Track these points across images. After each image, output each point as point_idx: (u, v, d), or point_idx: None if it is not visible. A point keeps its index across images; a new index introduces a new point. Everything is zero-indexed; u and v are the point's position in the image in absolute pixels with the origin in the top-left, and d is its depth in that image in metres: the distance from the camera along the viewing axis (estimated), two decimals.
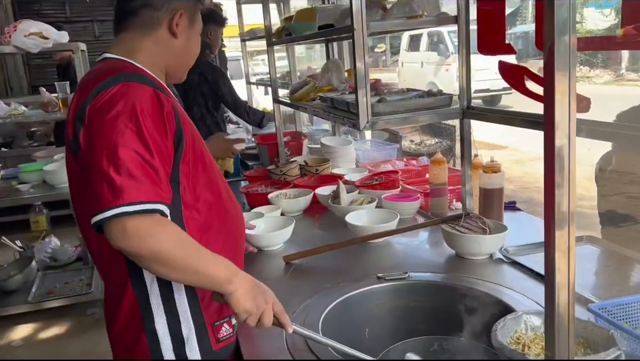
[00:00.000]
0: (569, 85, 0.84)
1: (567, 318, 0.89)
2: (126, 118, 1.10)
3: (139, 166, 1.08)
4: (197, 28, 1.39)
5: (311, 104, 2.40)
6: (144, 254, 1.07)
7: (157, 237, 1.07)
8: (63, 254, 4.01)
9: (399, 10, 1.83)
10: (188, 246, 1.13)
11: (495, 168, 1.93)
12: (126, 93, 1.13)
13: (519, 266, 1.67)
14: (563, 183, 0.85)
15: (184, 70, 1.42)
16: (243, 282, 1.19)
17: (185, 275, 1.15)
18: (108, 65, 1.26)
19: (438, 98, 1.86)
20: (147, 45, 1.30)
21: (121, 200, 1.04)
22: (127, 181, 1.06)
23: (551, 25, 0.82)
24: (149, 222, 1.07)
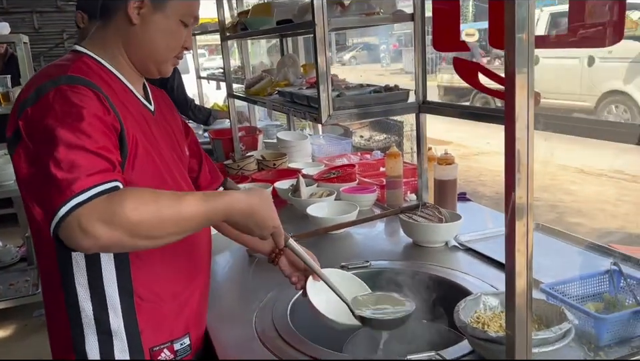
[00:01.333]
0: (527, 80, 0.90)
1: (525, 299, 0.95)
2: (60, 119, 1.01)
3: (80, 156, 0.98)
4: (171, 14, 1.20)
5: (269, 99, 2.42)
6: (119, 237, 0.95)
7: (121, 213, 0.94)
8: (6, 254, 3.85)
9: (357, 7, 1.88)
10: (162, 202, 1.00)
11: (449, 160, 2.02)
12: (63, 97, 1.04)
13: (472, 253, 1.76)
14: (522, 173, 0.91)
15: (153, 64, 1.25)
16: (245, 198, 1.10)
17: (179, 231, 1.03)
18: (61, 61, 1.18)
19: (395, 93, 1.93)
20: (109, 35, 1.21)
21: (69, 192, 0.94)
22: (70, 174, 0.96)
23: (511, 24, 0.87)
24: (105, 203, 0.94)
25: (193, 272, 1.30)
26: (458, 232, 1.85)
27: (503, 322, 1.21)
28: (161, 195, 1.02)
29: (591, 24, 1.21)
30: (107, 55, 1.21)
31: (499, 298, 1.30)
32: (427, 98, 1.93)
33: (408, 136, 6.20)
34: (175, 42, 1.24)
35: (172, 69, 1.31)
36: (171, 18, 1.21)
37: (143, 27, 1.19)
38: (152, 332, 1.20)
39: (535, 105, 1.22)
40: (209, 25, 4.24)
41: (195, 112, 3.93)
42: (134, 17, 1.17)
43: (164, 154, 1.25)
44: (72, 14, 6.11)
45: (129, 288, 1.16)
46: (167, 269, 1.22)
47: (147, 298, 1.18)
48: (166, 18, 1.20)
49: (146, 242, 1.01)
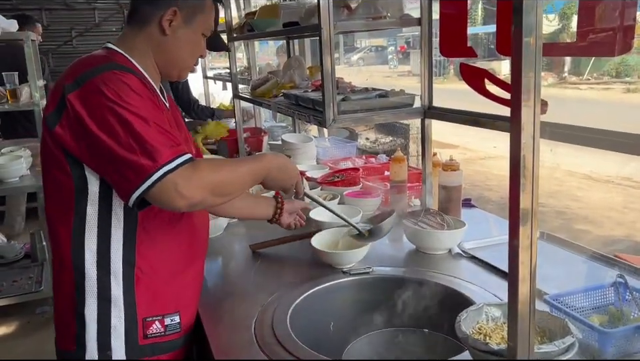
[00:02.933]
0: (534, 88, 0.88)
1: (528, 310, 0.94)
2: (129, 97, 1.15)
3: (155, 131, 1.14)
4: (196, 28, 1.37)
5: (275, 101, 2.41)
6: (207, 197, 1.17)
7: (204, 177, 1.16)
8: (10, 251, 3.86)
9: (364, 11, 1.86)
10: (229, 166, 1.28)
11: (454, 167, 2.00)
12: (116, 80, 1.17)
13: (476, 261, 1.74)
14: (527, 181, 0.90)
15: (176, 70, 1.42)
16: (276, 173, 1.39)
17: (243, 186, 1.34)
18: (101, 53, 1.31)
19: (401, 97, 1.91)
20: (140, 42, 1.34)
21: (159, 160, 1.11)
22: (153, 146, 1.12)
23: (519, 30, 0.85)
24: (192, 169, 1.14)
25: (190, 257, 1.41)
26: (462, 240, 1.83)
27: (505, 334, 1.19)
28: (227, 161, 1.38)
29: (600, 32, 1.19)
30: (135, 56, 1.33)
31: (501, 309, 1.28)
32: (432, 103, 1.91)
33: (414, 138, 6.19)
34: (197, 52, 1.42)
35: (188, 74, 1.50)
36: (196, 31, 1.38)
37: (172, 38, 1.35)
38: (146, 303, 1.29)
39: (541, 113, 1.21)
40: None
41: (198, 113, 3.97)
42: (166, 28, 1.33)
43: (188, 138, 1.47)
44: (80, 11, 6.15)
45: (131, 260, 1.27)
46: (168, 249, 1.34)
47: (147, 271, 1.29)
48: (192, 31, 1.37)
49: (225, 199, 1.27)
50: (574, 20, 1.26)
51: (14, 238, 4.30)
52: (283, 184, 1.43)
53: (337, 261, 1.71)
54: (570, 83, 14.79)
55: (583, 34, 1.23)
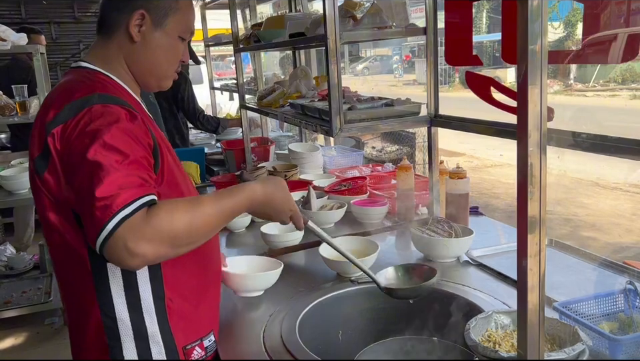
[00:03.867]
0: (540, 96, 0.89)
1: (537, 317, 0.94)
2: (104, 137, 1.04)
3: (117, 175, 1.01)
4: (171, 31, 1.25)
5: (281, 111, 2.43)
6: (164, 251, 1.01)
7: (162, 229, 1.00)
8: (19, 262, 3.88)
9: (370, 21, 1.88)
10: (192, 209, 1.06)
11: (461, 175, 2.01)
12: (99, 117, 1.07)
13: (485, 268, 1.74)
14: (535, 189, 0.90)
15: (153, 79, 1.30)
16: (261, 189, 1.20)
17: (211, 231, 1.12)
18: (80, 78, 1.19)
19: (407, 106, 1.92)
20: (112, 51, 1.24)
21: (110, 211, 0.97)
22: (109, 192, 0.99)
23: (524, 38, 0.86)
24: (145, 220, 0.99)
25: (211, 274, 1.35)
26: (470, 247, 1.83)
27: (514, 342, 1.19)
28: (191, 202, 1.08)
29: (605, 39, 1.20)
30: (112, 69, 1.24)
31: (511, 317, 1.28)
32: (439, 111, 1.92)
33: (420, 147, 6.18)
34: (175, 57, 1.29)
35: (171, 83, 1.35)
36: (170, 34, 1.25)
37: (144, 44, 1.23)
38: (182, 332, 1.23)
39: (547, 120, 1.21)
40: (222, 36, 4.28)
41: (204, 123, 4.00)
42: (135, 35, 1.22)
43: (177, 163, 1.29)
44: (89, 24, 6.22)
45: (161, 293, 1.20)
46: (192, 272, 1.27)
47: (176, 300, 1.22)
48: (166, 35, 1.25)
49: (187, 248, 1.08)
50: (579, 28, 1.27)
51: (23, 250, 4.32)
52: (271, 218, 1.28)
53: (346, 270, 1.71)
54: (576, 90, 14.75)
55: (588, 42, 1.23)
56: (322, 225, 2.21)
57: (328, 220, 2.24)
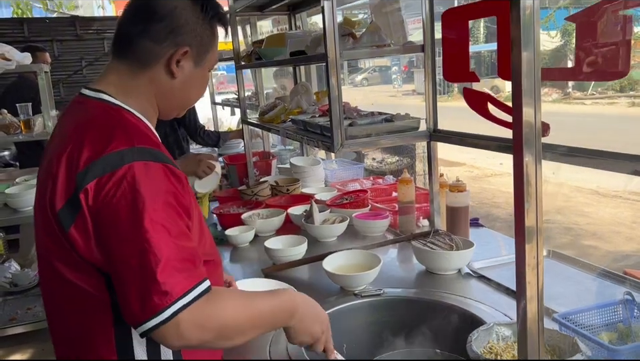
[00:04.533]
0: (534, 113, 0.92)
1: (537, 328, 0.97)
2: (152, 209, 0.96)
3: (179, 258, 0.97)
4: (205, 69, 1.21)
5: (283, 126, 2.47)
6: (209, 339, 0.99)
7: (220, 319, 0.99)
8: (23, 278, 3.89)
9: (369, 39, 1.92)
10: (244, 305, 1.05)
11: (461, 188, 2.04)
12: (142, 179, 0.98)
13: (486, 280, 1.77)
14: (531, 202, 0.93)
15: (178, 111, 1.26)
16: (303, 314, 1.16)
17: (252, 334, 1.07)
18: (108, 119, 1.08)
19: (406, 121, 1.96)
20: (141, 83, 1.14)
21: (170, 298, 0.94)
22: (170, 278, 0.94)
23: (518, 57, 0.90)
24: (205, 307, 0.97)
25: None
26: (471, 260, 1.86)
27: (515, 353, 1.22)
28: (248, 296, 1.08)
29: (597, 58, 1.24)
30: (135, 103, 1.14)
31: (512, 328, 1.30)
32: (437, 126, 1.96)
33: (420, 158, 6.22)
34: (204, 89, 1.27)
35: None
36: (205, 69, 1.21)
37: (182, 80, 1.16)
38: None
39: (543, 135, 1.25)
40: (222, 52, 4.32)
41: (204, 138, 4.06)
42: (176, 71, 1.14)
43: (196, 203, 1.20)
44: (90, 42, 6.30)
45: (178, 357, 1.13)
46: None
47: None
48: (202, 70, 1.20)
49: (229, 343, 1.04)
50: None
51: (27, 266, 4.35)
52: (311, 331, 1.19)
53: (349, 283, 1.74)
54: (574, 98, 14.82)
55: (580, 60, 1.27)
56: (324, 238, 2.26)
57: (330, 234, 2.27)
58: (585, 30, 1.27)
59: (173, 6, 1.12)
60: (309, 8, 3.07)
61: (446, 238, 1.92)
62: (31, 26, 6.05)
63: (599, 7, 1.20)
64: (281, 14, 3.37)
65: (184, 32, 1.12)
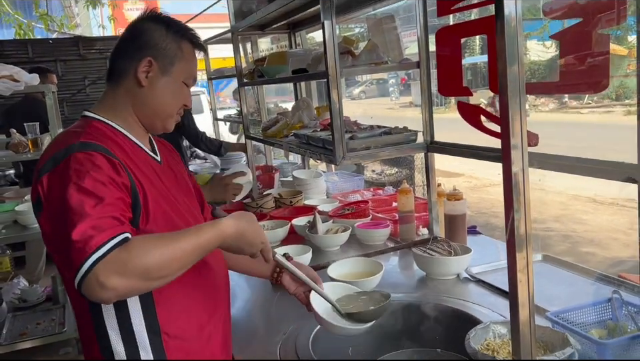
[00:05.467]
0: (520, 124, 1.01)
1: (529, 326, 1.04)
2: (74, 183, 1.11)
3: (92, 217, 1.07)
4: (176, 77, 1.34)
5: (286, 141, 2.56)
6: (134, 283, 1.06)
7: (131, 263, 1.05)
8: (32, 294, 3.96)
9: (367, 57, 2.03)
10: (164, 245, 1.11)
11: (458, 196, 2.13)
12: (78, 163, 1.14)
13: (483, 284, 1.85)
14: (520, 209, 1.02)
15: (159, 121, 1.37)
16: (233, 223, 1.22)
17: (184, 266, 1.14)
18: (75, 128, 1.29)
19: (405, 134, 2.05)
20: (120, 98, 1.32)
21: (85, 252, 1.03)
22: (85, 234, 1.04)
23: (504, 72, 0.99)
24: (117, 255, 1.04)
25: (214, 304, 1.37)
26: (469, 265, 1.94)
27: (511, 349, 1.30)
28: (161, 238, 1.13)
29: (580, 72, 1.34)
30: (117, 117, 1.32)
31: (507, 327, 1.39)
32: (434, 138, 2.05)
33: (419, 169, 6.30)
34: (179, 101, 1.37)
35: (174, 124, 1.42)
36: (175, 80, 1.34)
37: (150, 89, 1.31)
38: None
39: (532, 145, 1.35)
40: (225, 70, 4.45)
41: (207, 144, 4.12)
42: (143, 80, 1.30)
43: (174, 200, 1.34)
44: (93, 61, 6.42)
45: (156, 327, 1.24)
46: (189, 303, 1.30)
47: (174, 334, 1.26)
48: (171, 81, 1.33)
49: (158, 282, 1.11)
50: None
51: (35, 282, 4.42)
52: (243, 251, 1.26)
53: None
54: (571, 108, 14.95)
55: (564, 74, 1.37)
56: (328, 248, 2.34)
57: (334, 243, 2.35)
58: (567, 46, 1.37)
59: (142, 29, 1.32)
60: (309, 26, 3.19)
61: (444, 245, 2.01)
62: (35, 47, 6.18)
63: (580, 27, 1.30)
64: (281, 33, 3.48)
65: (148, 47, 1.30)
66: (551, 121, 11.98)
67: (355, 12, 2.44)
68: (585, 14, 1.30)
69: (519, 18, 0.97)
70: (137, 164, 1.27)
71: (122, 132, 1.31)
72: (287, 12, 2.67)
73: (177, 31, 1.34)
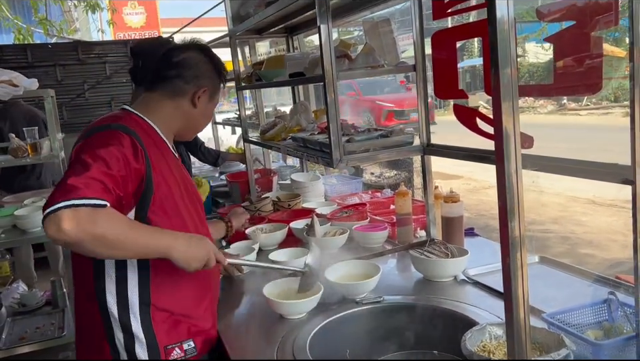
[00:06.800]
0: (513, 127, 1.02)
1: (524, 327, 1.05)
2: (95, 146, 1.34)
3: (91, 175, 1.27)
4: (214, 103, 1.70)
5: (284, 144, 2.57)
6: (84, 239, 1.23)
7: (93, 222, 1.22)
8: (31, 299, 3.96)
9: (363, 60, 2.03)
10: (127, 227, 1.31)
11: (455, 198, 2.14)
12: (107, 136, 1.38)
13: (480, 286, 1.86)
14: (514, 211, 1.03)
15: (193, 133, 1.72)
16: (183, 245, 1.40)
17: (130, 253, 1.36)
18: (115, 113, 1.55)
19: (401, 136, 2.06)
20: (167, 108, 1.59)
21: (70, 196, 1.22)
22: (77, 184, 1.24)
23: (496, 75, 1.00)
24: (86, 212, 1.22)
25: (203, 291, 1.60)
26: (466, 267, 1.95)
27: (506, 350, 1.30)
28: (131, 223, 1.35)
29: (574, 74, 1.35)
30: (157, 120, 1.57)
31: (503, 328, 1.39)
32: (430, 140, 2.06)
33: (418, 171, 6.30)
34: (210, 119, 1.75)
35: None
36: (214, 105, 1.71)
37: (199, 110, 1.63)
38: (165, 334, 1.49)
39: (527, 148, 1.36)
40: None
41: (205, 154, 4.16)
42: (197, 103, 1.61)
43: (186, 196, 1.58)
44: (92, 66, 6.43)
45: (147, 300, 1.47)
46: (181, 288, 1.52)
47: (162, 308, 1.49)
48: (212, 105, 1.69)
49: (105, 254, 1.33)
50: None
51: (33, 286, 4.43)
52: (190, 266, 1.43)
53: (350, 292, 1.83)
54: (570, 110, 14.98)
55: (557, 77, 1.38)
56: (326, 250, 2.34)
57: (332, 246, 2.36)
58: (561, 49, 1.38)
59: (197, 60, 1.62)
60: (306, 30, 3.20)
61: (442, 247, 2.02)
62: (34, 51, 6.17)
63: (573, 29, 1.31)
64: (278, 37, 3.49)
65: (204, 77, 1.62)
66: (550, 123, 11.99)
67: (351, 16, 2.46)
68: (579, 17, 1.31)
69: (511, 21, 0.98)
70: (164, 157, 1.53)
71: (155, 129, 1.56)
72: (284, 16, 2.69)
73: (218, 69, 1.66)
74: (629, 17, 1.19)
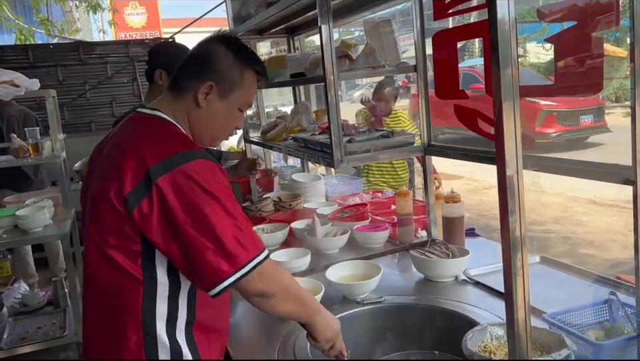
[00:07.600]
0: (515, 130, 1.02)
1: (524, 327, 1.05)
2: (212, 196, 1.20)
3: (242, 226, 1.23)
4: (232, 103, 1.39)
5: (285, 144, 2.57)
6: (276, 291, 1.28)
7: (282, 275, 1.31)
8: (32, 299, 3.97)
9: (364, 61, 2.04)
10: (292, 279, 1.38)
11: (456, 199, 2.14)
12: (204, 172, 1.22)
13: (481, 286, 1.86)
14: (515, 211, 1.03)
15: (208, 139, 1.45)
16: (325, 312, 1.41)
17: (292, 309, 1.36)
18: (165, 128, 1.35)
19: (402, 137, 2.06)
20: (179, 107, 1.39)
21: (252, 252, 1.22)
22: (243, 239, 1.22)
23: (498, 86, 1.01)
24: (272, 264, 1.29)
25: (226, 305, 1.49)
26: (467, 267, 1.95)
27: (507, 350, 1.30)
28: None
29: (574, 74, 1.35)
30: (179, 123, 1.39)
31: (504, 328, 1.39)
32: (431, 141, 2.06)
33: (419, 171, 6.30)
34: (231, 125, 1.46)
35: (220, 142, 1.56)
36: (231, 105, 1.40)
37: (206, 110, 1.38)
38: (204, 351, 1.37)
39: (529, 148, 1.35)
40: None
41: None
42: (201, 101, 1.37)
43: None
44: (94, 66, 6.43)
45: (192, 319, 1.34)
46: (215, 304, 1.37)
47: (201, 326, 1.36)
48: (227, 105, 1.40)
49: (283, 306, 1.33)
50: None
51: (34, 286, 4.44)
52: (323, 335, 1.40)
53: (351, 292, 1.83)
54: None
55: (559, 77, 1.38)
56: (327, 251, 2.35)
57: (332, 246, 2.36)
58: (562, 49, 1.38)
59: (211, 51, 1.39)
60: (307, 30, 3.20)
61: (442, 247, 2.02)
62: (36, 52, 6.18)
63: (574, 30, 1.32)
64: (279, 37, 3.49)
65: (212, 71, 1.36)
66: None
67: (352, 16, 2.46)
68: (580, 17, 1.31)
69: (512, 21, 0.98)
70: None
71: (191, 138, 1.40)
72: (285, 16, 2.69)
73: (244, 60, 1.40)
74: (629, 17, 1.20)
